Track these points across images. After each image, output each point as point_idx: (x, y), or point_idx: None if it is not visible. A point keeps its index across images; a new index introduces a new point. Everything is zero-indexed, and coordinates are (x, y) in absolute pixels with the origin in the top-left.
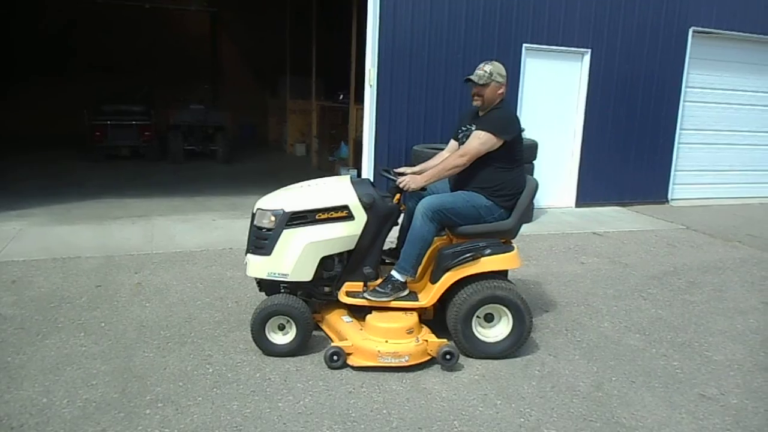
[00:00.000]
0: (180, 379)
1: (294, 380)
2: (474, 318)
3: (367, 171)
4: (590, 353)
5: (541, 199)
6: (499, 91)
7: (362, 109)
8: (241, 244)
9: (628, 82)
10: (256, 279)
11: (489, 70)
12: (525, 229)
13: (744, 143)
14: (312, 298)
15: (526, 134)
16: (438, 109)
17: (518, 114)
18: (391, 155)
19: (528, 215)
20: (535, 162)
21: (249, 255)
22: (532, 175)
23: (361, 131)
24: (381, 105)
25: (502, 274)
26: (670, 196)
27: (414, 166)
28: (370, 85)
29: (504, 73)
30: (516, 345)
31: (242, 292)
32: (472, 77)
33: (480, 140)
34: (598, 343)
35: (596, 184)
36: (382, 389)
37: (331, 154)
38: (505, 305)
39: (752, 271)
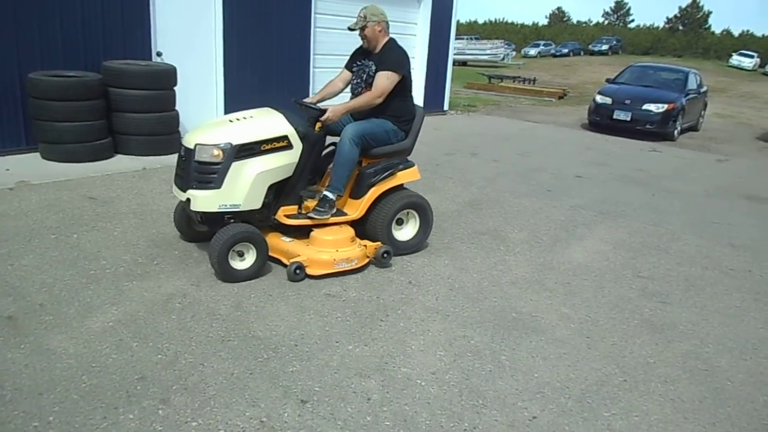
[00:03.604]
0: None
1: None
2: (393, 222)
3: None
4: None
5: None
6: (379, 29)
7: None
8: None
9: (262, 10)
10: (198, 213)
11: (363, 14)
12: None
13: None
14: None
15: (165, 58)
16: (56, 31)
17: (152, 37)
18: (2, 85)
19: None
20: (176, 89)
21: (192, 191)
22: (174, 102)
23: None
24: None
25: (402, 186)
26: None
27: (36, 97)
28: None
29: (377, 11)
30: (423, 240)
31: None
32: (350, 26)
33: (389, 80)
34: None
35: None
36: None
37: None
38: (415, 209)
39: None
